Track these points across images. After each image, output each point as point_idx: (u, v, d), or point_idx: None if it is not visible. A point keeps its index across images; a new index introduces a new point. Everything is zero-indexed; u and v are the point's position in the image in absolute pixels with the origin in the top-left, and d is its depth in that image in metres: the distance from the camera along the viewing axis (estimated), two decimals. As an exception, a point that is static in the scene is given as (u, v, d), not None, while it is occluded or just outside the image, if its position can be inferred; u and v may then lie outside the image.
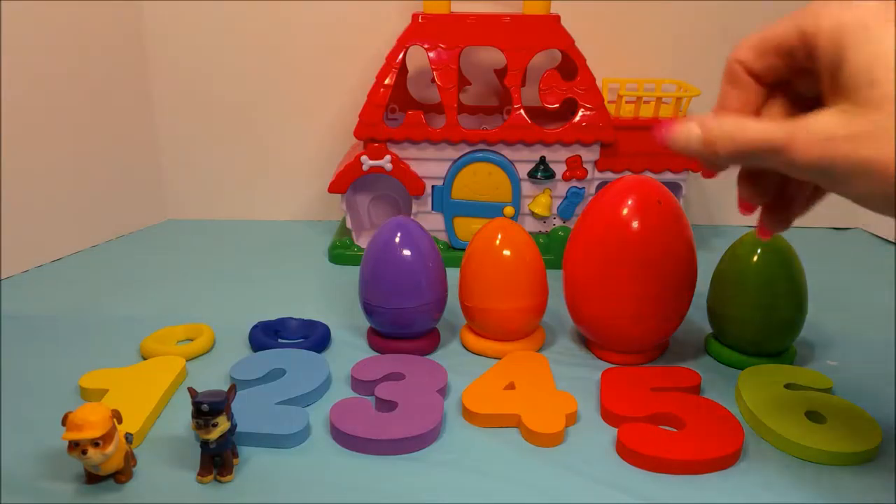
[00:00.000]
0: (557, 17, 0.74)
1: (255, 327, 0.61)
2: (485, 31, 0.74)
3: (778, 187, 0.38)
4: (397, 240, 0.56)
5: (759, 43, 0.33)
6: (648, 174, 0.77)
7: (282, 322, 0.63)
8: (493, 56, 0.82)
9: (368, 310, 0.58)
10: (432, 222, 0.78)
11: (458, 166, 0.76)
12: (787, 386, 0.52)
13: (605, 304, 0.55)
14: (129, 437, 0.45)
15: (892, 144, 0.28)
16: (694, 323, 0.63)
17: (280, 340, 0.61)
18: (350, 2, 0.84)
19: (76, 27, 0.77)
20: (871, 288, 0.75)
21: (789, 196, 0.39)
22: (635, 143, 0.76)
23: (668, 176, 0.77)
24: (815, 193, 0.38)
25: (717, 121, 0.33)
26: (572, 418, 0.49)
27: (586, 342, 0.61)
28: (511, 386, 0.52)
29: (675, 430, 0.48)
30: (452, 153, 0.75)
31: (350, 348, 0.60)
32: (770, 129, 0.31)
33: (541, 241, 0.77)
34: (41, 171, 0.76)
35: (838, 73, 0.29)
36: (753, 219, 0.40)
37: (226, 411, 0.43)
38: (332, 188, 0.77)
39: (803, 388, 0.52)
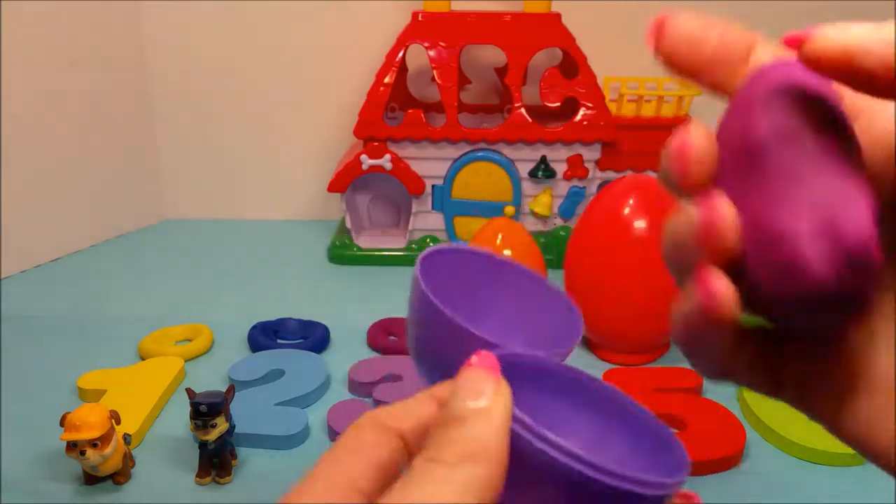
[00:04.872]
0: (558, 16, 0.74)
1: (253, 328, 0.61)
2: (485, 29, 0.73)
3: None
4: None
5: None
6: (650, 173, 0.77)
7: (281, 322, 0.62)
8: (493, 54, 0.82)
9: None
10: (432, 222, 0.78)
11: (458, 165, 0.75)
12: (790, 386, 0.52)
13: (606, 305, 0.55)
14: (127, 438, 0.45)
15: None
16: (695, 323, 0.63)
17: (279, 341, 0.61)
18: (350, 1, 0.83)
19: (75, 28, 0.77)
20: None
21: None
22: (637, 142, 0.76)
23: (670, 175, 0.77)
24: None
25: None
26: (573, 419, 0.49)
27: (588, 343, 0.60)
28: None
29: (676, 431, 0.47)
30: (453, 152, 0.75)
31: (349, 349, 0.60)
32: None
33: (541, 240, 0.77)
34: (40, 171, 0.76)
35: None
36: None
37: (224, 412, 0.43)
38: (332, 187, 0.76)
39: (805, 388, 0.52)
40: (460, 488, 0.17)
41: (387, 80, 0.73)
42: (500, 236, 0.57)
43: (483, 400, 0.18)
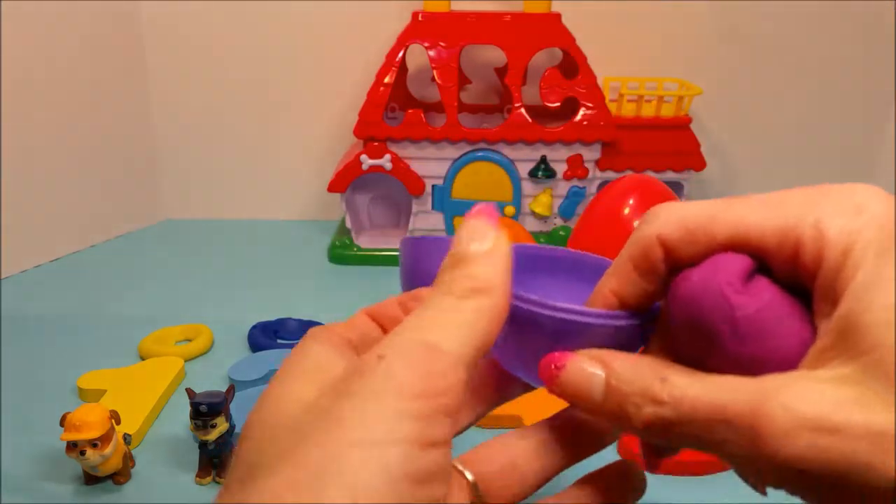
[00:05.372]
0: (558, 16, 0.74)
1: (254, 328, 0.61)
2: (485, 29, 0.73)
3: None
4: None
5: (704, 224, 0.20)
6: (650, 173, 0.77)
7: (281, 322, 0.62)
8: (493, 54, 0.82)
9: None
10: (432, 222, 0.78)
11: (458, 165, 0.75)
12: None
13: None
14: (127, 438, 0.45)
15: None
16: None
17: (279, 341, 0.61)
18: (350, 1, 0.83)
19: (75, 27, 0.77)
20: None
21: None
22: (637, 142, 0.76)
23: (670, 175, 0.77)
24: None
25: (630, 365, 0.20)
26: (573, 419, 0.49)
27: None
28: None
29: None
30: (453, 152, 0.75)
31: (350, 348, 0.59)
32: (720, 391, 0.18)
33: (541, 240, 0.77)
34: (40, 171, 0.76)
35: (849, 317, 0.18)
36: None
37: (224, 412, 0.43)
38: (332, 187, 0.76)
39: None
40: (471, 316, 0.19)
41: (387, 80, 0.73)
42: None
43: (486, 243, 0.20)
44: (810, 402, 0.17)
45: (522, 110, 0.73)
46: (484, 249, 0.20)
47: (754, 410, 0.17)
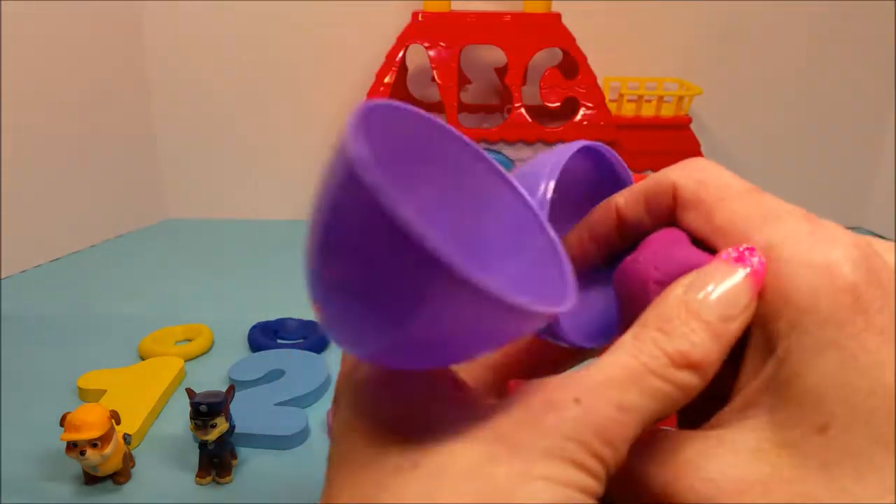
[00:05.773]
0: (558, 16, 0.74)
1: (253, 328, 0.61)
2: (485, 29, 0.73)
3: None
4: None
5: (711, 203, 0.20)
6: (650, 173, 0.77)
7: (281, 322, 0.62)
8: (493, 54, 0.82)
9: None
10: (432, 222, 0.78)
11: (458, 165, 0.75)
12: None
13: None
14: (127, 438, 0.45)
15: None
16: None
17: (279, 341, 0.61)
18: (350, 1, 0.83)
19: (75, 26, 0.77)
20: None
21: None
22: (637, 142, 0.76)
23: (670, 175, 0.77)
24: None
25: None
26: (573, 419, 0.49)
27: (587, 342, 0.60)
28: (511, 386, 0.52)
29: (676, 430, 0.47)
30: (453, 152, 0.75)
31: (350, 348, 0.60)
32: (646, 460, 0.19)
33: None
34: (41, 170, 0.76)
35: (785, 372, 0.17)
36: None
37: (224, 412, 0.43)
38: (332, 187, 0.76)
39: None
40: (673, 391, 0.17)
41: (387, 80, 0.73)
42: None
43: (735, 321, 0.18)
44: (717, 487, 0.17)
45: (522, 110, 0.73)
46: (724, 325, 0.18)
47: (668, 489, 0.18)
